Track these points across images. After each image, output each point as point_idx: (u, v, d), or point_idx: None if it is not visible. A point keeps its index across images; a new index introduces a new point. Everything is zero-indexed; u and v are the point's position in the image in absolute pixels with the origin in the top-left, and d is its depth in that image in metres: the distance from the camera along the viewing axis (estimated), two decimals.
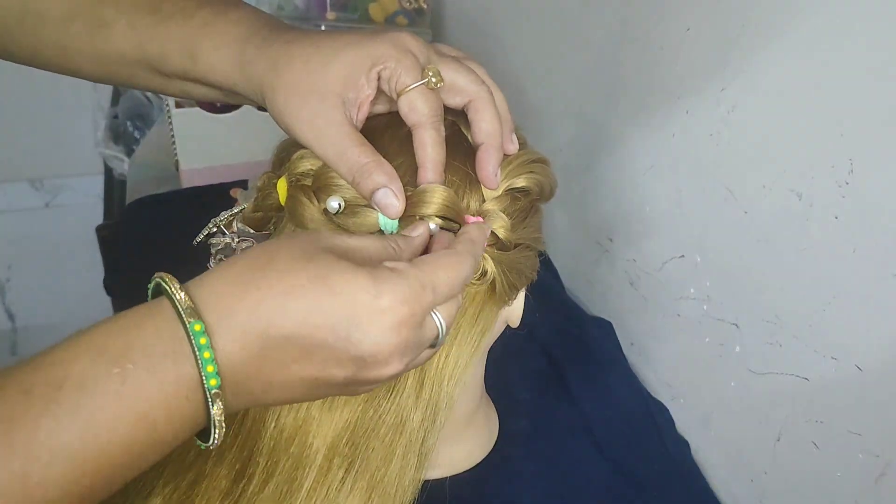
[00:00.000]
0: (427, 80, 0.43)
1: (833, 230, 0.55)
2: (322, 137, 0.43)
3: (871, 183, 0.52)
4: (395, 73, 0.43)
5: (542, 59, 0.97)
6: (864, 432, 0.55)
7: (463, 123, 0.46)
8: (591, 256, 0.90)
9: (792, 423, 0.61)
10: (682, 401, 0.76)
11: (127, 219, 0.99)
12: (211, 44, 0.46)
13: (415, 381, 0.44)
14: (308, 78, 0.43)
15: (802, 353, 0.59)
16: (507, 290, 0.47)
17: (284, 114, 0.44)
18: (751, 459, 0.67)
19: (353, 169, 0.42)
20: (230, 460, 0.44)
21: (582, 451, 0.68)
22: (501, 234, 0.44)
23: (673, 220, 0.74)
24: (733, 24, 0.62)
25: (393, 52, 0.43)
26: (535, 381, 0.75)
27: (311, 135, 0.43)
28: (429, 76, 0.43)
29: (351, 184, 0.42)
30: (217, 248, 0.50)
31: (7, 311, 1.79)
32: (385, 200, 0.41)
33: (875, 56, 0.51)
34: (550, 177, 0.50)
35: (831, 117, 0.54)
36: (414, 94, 0.43)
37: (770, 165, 0.60)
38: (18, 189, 2.00)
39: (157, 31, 0.48)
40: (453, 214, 0.43)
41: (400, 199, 0.42)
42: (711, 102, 0.66)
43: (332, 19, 1.17)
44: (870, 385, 0.54)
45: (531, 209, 0.49)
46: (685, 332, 0.74)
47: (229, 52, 0.46)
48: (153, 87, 0.53)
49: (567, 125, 0.92)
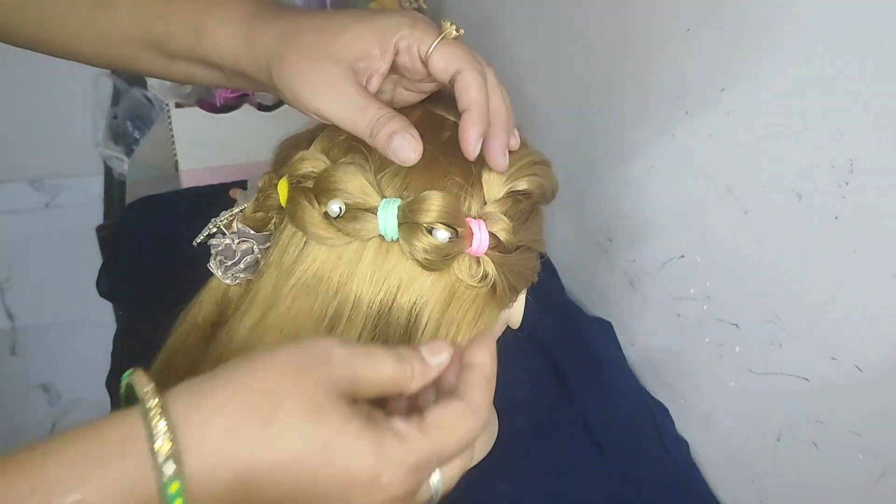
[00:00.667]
0: (447, 31, 0.43)
1: (833, 230, 0.55)
2: (338, 95, 0.42)
3: (871, 183, 0.52)
4: (414, 38, 0.43)
5: (542, 59, 0.97)
6: (864, 432, 0.55)
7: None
8: (591, 257, 0.90)
9: (792, 423, 0.61)
10: (682, 401, 0.76)
11: (127, 219, 0.99)
12: (217, 19, 0.46)
13: None
14: (319, 44, 0.43)
15: (802, 353, 0.59)
16: (507, 293, 0.47)
17: (294, 79, 0.43)
18: (751, 459, 0.67)
19: (371, 121, 0.41)
20: None
21: (582, 451, 0.68)
22: (503, 237, 0.44)
23: (673, 220, 0.74)
24: (733, 25, 0.62)
25: (406, 20, 0.43)
26: (535, 381, 0.75)
27: (324, 96, 0.42)
28: (448, 28, 0.43)
29: (369, 138, 0.41)
30: (217, 249, 0.49)
31: (7, 311, 1.79)
32: (403, 142, 0.40)
33: (875, 56, 0.51)
34: (552, 179, 0.49)
35: (831, 117, 0.54)
36: (442, 46, 0.43)
37: (770, 165, 0.60)
38: (18, 189, 2.00)
39: (161, 10, 0.47)
40: (453, 220, 0.42)
41: (418, 141, 0.41)
42: (711, 103, 0.66)
43: None
44: (870, 385, 0.54)
45: (532, 211, 0.48)
46: (685, 332, 0.74)
47: (236, 28, 0.46)
48: (156, 71, 0.52)
49: (567, 125, 0.92)
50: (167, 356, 0.50)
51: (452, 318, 0.44)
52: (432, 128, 0.46)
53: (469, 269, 0.44)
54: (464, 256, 0.44)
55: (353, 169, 0.43)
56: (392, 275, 0.43)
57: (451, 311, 0.44)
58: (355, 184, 0.43)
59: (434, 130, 0.46)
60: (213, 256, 0.49)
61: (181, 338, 0.50)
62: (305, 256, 0.44)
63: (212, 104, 1.08)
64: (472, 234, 0.43)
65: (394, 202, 0.42)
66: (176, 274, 0.54)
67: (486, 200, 0.45)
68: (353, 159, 0.44)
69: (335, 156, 0.45)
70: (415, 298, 0.44)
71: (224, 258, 0.49)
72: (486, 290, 0.45)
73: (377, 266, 0.43)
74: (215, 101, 1.08)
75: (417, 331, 0.44)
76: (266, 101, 1.11)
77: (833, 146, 0.54)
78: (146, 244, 0.93)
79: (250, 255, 0.49)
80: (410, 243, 0.42)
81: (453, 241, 0.42)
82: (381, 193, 0.43)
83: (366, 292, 0.43)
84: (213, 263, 0.49)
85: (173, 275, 0.57)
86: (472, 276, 0.44)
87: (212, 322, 0.51)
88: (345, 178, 0.43)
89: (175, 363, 0.50)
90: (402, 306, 0.43)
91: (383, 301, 0.43)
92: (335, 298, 0.43)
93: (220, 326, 0.48)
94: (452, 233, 0.42)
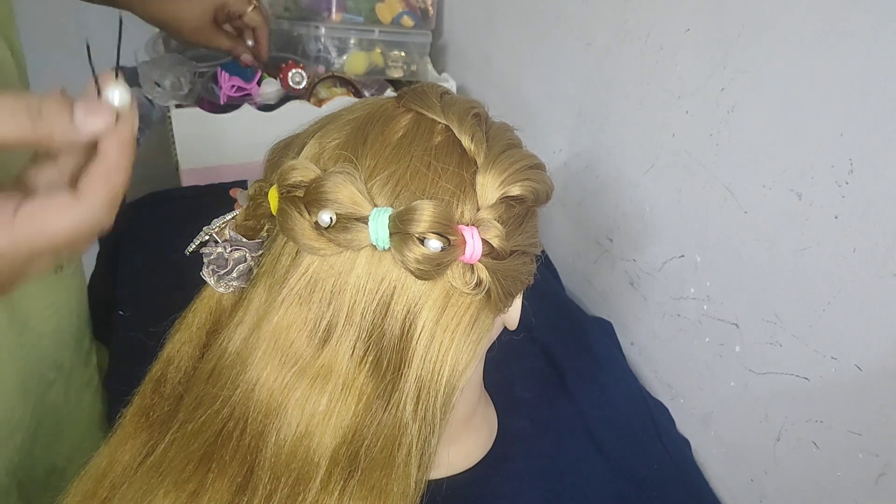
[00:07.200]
0: (254, 4, 0.88)
1: (833, 230, 0.55)
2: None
3: (871, 183, 0.52)
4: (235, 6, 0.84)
5: (542, 59, 0.97)
6: (864, 432, 0.55)
7: (456, 128, 0.46)
8: (591, 256, 0.90)
9: (792, 423, 0.61)
10: (682, 401, 0.76)
11: (126, 219, 0.99)
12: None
13: (412, 389, 0.44)
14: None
15: (802, 353, 0.59)
16: (502, 298, 0.46)
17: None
18: (751, 459, 0.67)
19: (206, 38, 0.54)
20: (231, 475, 0.43)
21: (581, 450, 0.68)
22: (496, 244, 0.44)
23: (673, 220, 0.74)
24: (733, 24, 0.62)
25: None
26: (534, 380, 0.75)
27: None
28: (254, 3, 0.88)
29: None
30: (209, 258, 0.49)
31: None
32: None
33: (875, 56, 0.51)
34: (546, 182, 0.49)
35: (831, 117, 0.54)
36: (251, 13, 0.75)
37: (770, 165, 0.60)
38: None
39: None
40: (444, 229, 0.42)
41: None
42: (711, 102, 0.66)
43: (338, 21, 1.17)
44: (870, 385, 0.54)
45: (527, 215, 0.48)
46: (685, 332, 0.74)
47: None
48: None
49: (567, 125, 0.92)
50: (164, 364, 0.50)
51: (447, 325, 0.44)
52: (423, 132, 0.46)
53: (463, 277, 0.44)
54: (457, 264, 0.43)
55: (344, 178, 0.42)
56: (385, 283, 0.43)
57: (446, 319, 0.44)
58: (346, 193, 0.42)
59: (425, 135, 0.46)
60: (205, 265, 0.49)
61: (176, 346, 0.50)
62: (298, 265, 0.44)
63: (212, 104, 1.08)
64: (464, 243, 0.43)
65: (385, 211, 0.42)
66: (176, 273, 0.54)
67: (480, 206, 0.45)
68: (344, 168, 0.44)
69: (325, 164, 0.45)
70: (409, 307, 0.43)
71: (217, 267, 0.48)
72: (480, 297, 0.45)
73: (370, 275, 0.43)
74: (216, 100, 1.08)
75: (412, 339, 0.44)
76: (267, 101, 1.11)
77: (833, 146, 0.54)
78: (146, 244, 0.93)
79: (243, 263, 0.49)
80: (402, 253, 0.42)
81: (446, 249, 0.42)
82: (373, 202, 0.42)
83: (359, 301, 0.43)
84: (205, 272, 0.49)
85: (173, 274, 0.57)
86: (467, 283, 0.44)
87: (207, 330, 0.51)
88: (335, 187, 0.42)
89: (171, 371, 0.50)
90: (395, 315, 0.43)
91: (377, 310, 0.43)
92: (329, 308, 0.43)
93: (215, 335, 0.48)
94: (445, 242, 0.42)
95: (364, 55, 1.20)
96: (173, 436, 0.45)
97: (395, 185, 0.43)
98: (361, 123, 0.46)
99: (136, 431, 0.49)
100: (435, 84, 0.50)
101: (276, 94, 1.12)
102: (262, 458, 0.43)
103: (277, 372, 0.43)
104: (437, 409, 0.44)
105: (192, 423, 0.44)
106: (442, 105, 0.47)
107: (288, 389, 0.43)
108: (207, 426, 0.44)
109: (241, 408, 0.43)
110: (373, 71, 1.21)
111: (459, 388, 0.45)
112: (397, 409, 0.44)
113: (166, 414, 0.48)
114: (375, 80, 1.23)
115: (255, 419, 0.43)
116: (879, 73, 0.50)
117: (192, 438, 0.44)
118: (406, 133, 0.45)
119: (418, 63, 1.24)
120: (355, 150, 0.44)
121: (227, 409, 0.44)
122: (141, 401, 0.49)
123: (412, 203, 0.42)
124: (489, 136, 0.47)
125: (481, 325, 0.46)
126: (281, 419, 0.43)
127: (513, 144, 0.48)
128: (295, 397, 0.43)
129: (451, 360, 0.44)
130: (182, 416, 0.45)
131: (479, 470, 0.62)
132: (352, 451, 0.43)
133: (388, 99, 0.49)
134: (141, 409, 0.49)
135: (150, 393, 0.49)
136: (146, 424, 0.49)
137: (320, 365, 0.43)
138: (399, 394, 0.44)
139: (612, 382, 0.77)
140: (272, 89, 1.11)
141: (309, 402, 0.43)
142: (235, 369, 0.44)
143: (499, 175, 0.45)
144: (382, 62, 1.21)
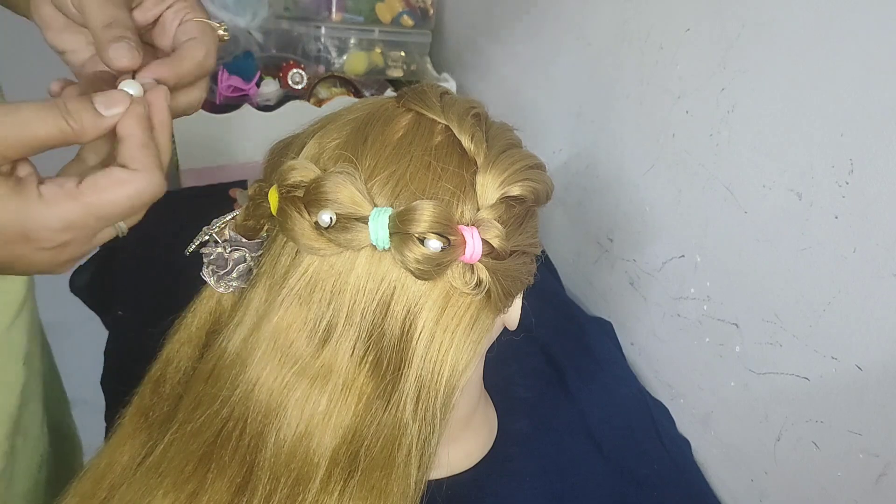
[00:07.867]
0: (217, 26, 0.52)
1: (833, 230, 0.55)
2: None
3: (871, 183, 0.52)
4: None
5: (541, 59, 0.97)
6: (864, 432, 0.55)
7: (456, 128, 0.46)
8: (591, 256, 0.90)
9: (792, 423, 0.61)
10: (682, 401, 0.76)
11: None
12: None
13: (412, 389, 0.44)
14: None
15: (802, 353, 0.59)
16: (502, 298, 0.46)
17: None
18: (751, 459, 0.67)
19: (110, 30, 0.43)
20: (231, 475, 0.43)
21: (581, 450, 0.68)
22: (496, 244, 0.44)
23: (673, 220, 0.74)
24: (733, 24, 0.62)
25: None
26: (534, 380, 0.75)
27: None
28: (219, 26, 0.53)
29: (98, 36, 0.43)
30: (209, 259, 0.49)
31: None
32: (120, 49, 0.42)
33: (875, 56, 0.51)
34: (546, 182, 0.49)
35: (831, 117, 0.54)
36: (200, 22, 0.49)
37: (770, 165, 0.60)
38: None
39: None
40: (444, 229, 0.42)
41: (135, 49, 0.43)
42: (711, 102, 0.66)
43: (338, 20, 1.18)
44: (870, 385, 0.54)
45: (527, 215, 0.48)
46: (685, 332, 0.74)
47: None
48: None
49: (567, 125, 0.92)
50: (163, 364, 0.50)
51: (447, 325, 0.44)
52: (423, 132, 0.46)
53: (463, 277, 0.44)
54: (457, 264, 0.43)
55: (344, 178, 0.42)
56: (385, 283, 0.43)
57: (446, 319, 0.44)
58: (346, 193, 0.42)
59: (425, 135, 0.46)
60: (205, 265, 0.49)
61: (176, 346, 0.50)
62: (297, 266, 0.44)
63: (212, 104, 1.08)
64: (464, 243, 0.43)
65: (385, 211, 0.42)
66: (175, 273, 0.54)
67: (480, 206, 0.45)
68: (344, 168, 0.43)
69: (325, 164, 0.45)
70: (409, 307, 0.43)
71: (216, 267, 0.48)
72: (480, 297, 0.45)
73: (370, 275, 0.43)
74: (213, 100, 1.08)
75: (412, 339, 0.44)
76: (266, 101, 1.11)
77: (833, 146, 0.54)
78: (145, 244, 0.93)
79: (243, 263, 0.49)
80: (402, 253, 0.42)
81: (446, 250, 0.42)
82: (373, 202, 0.42)
83: (359, 301, 0.43)
84: (205, 272, 0.49)
85: (173, 274, 0.57)
86: (467, 283, 0.44)
87: (207, 330, 0.50)
88: (335, 187, 0.42)
89: (171, 371, 0.50)
90: (395, 315, 0.43)
91: (377, 310, 0.43)
92: (329, 308, 0.43)
93: (214, 335, 0.48)
94: (445, 242, 0.42)
95: (364, 55, 1.20)
96: (172, 436, 0.45)
97: (395, 185, 0.43)
98: (361, 123, 0.46)
99: (136, 432, 0.49)
100: (435, 84, 0.50)
101: (276, 94, 1.12)
102: (261, 459, 0.43)
103: (277, 372, 0.43)
104: (437, 409, 0.44)
105: (191, 423, 0.44)
106: (442, 105, 0.47)
107: (288, 389, 0.43)
108: (207, 426, 0.44)
109: (241, 408, 0.43)
110: (373, 71, 1.21)
111: (459, 388, 0.45)
112: (397, 409, 0.44)
113: (165, 414, 0.48)
114: (375, 79, 1.23)
115: (255, 419, 0.43)
116: (880, 73, 0.50)
117: (192, 439, 0.44)
118: (406, 133, 0.45)
119: (418, 63, 1.24)
120: (355, 150, 0.44)
121: (226, 409, 0.44)
122: (140, 401, 0.49)
123: (412, 203, 0.42)
124: (489, 136, 0.47)
125: (481, 326, 0.46)
126: (281, 419, 0.43)
127: (513, 144, 0.48)
128: (295, 397, 0.43)
129: (451, 360, 0.44)
130: (181, 416, 0.45)
131: (479, 470, 0.62)
132: (352, 452, 0.43)
133: (388, 99, 0.49)
134: (140, 409, 0.49)
135: (149, 393, 0.49)
136: (145, 425, 0.49)
137: (320, 365, 0.43)
138: (399, 394, 0.44)
139: (612, 382, 0.77)
140: (272, 89, 1.11)
141: (309, 402, 0.43)
142: (235, 369, 0.44)
143: (499, 175, 0.45)
144: (382, 62, 1.21)
